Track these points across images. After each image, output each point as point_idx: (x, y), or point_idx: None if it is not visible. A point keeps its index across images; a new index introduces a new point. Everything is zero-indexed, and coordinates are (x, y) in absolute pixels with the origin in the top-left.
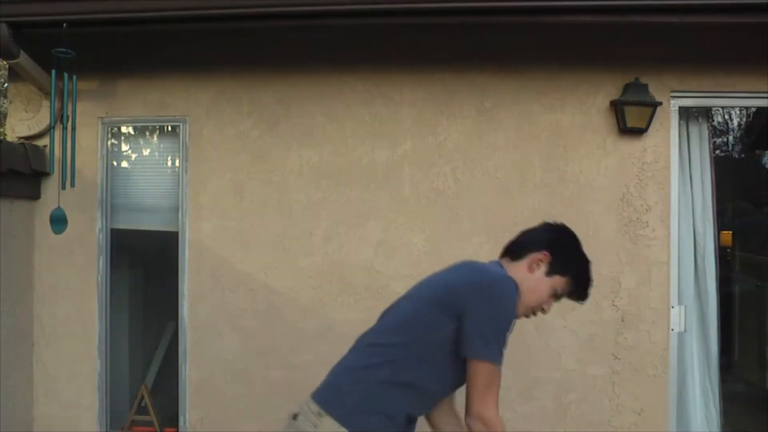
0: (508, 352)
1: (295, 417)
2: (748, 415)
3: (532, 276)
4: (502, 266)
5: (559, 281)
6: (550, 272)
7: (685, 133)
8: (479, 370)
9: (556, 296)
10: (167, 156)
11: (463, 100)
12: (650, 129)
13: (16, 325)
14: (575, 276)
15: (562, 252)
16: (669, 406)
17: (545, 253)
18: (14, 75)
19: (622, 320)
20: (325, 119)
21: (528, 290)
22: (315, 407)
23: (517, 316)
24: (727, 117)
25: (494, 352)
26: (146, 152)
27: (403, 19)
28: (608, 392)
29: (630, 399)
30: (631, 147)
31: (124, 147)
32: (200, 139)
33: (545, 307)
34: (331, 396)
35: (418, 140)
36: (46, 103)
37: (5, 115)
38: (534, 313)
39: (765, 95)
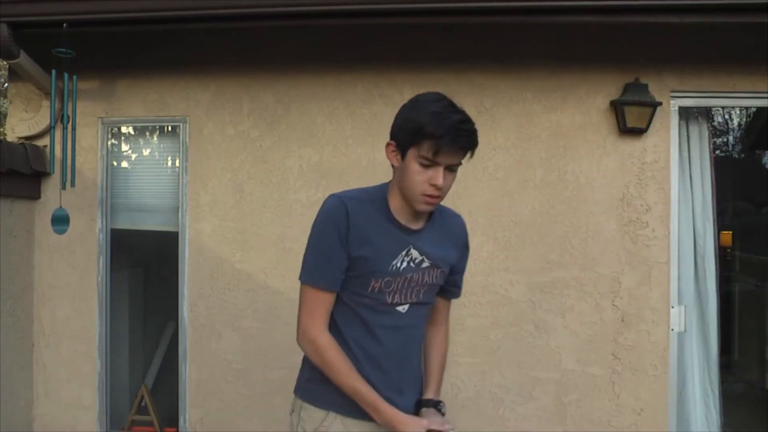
0: (508, 352)
1: None
2: (748, 415)
3: (398, 169)
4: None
5: (413, 153)
6: (403, 155)
7: (685, 133)
8: (300, 292)
9: (429, 165)
10: (167, 156)
11: (463, 100)
12: (650, 129)
13: (16, 325)
14: (413, 132)
15: (397, 127)
16: (669, 406)
17: (389, 142)
18: (14, 75)
19: (622, 320)
20: (325, 119)
21: (402, 183)
22: None
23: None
24: (727, 117)
25: (304, 272)
26: (146, 152)
27: (403, 19)
28: (608, 392)
29: (630, 399)
30: (631, 147)
31: (124, 147)
32: (200, 139)
33: (432, 182)
34: None
35: None
36: (46, 103)
37: (5, 115)
38: (431, 196)
39: (765, 95)
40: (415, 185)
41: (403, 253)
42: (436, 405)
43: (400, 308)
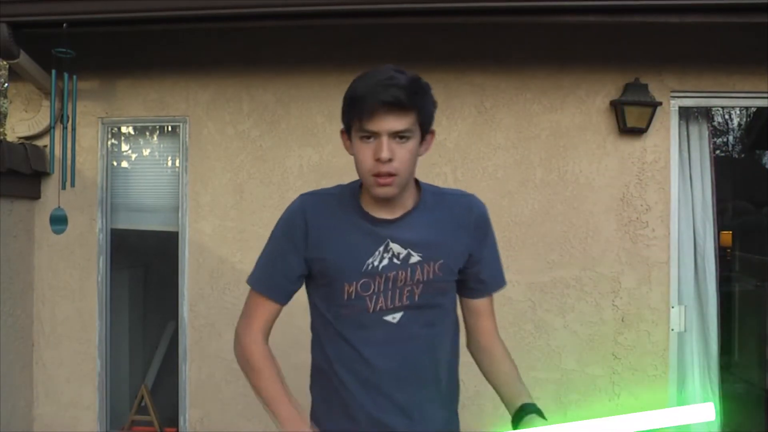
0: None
1: None
2: (748, 415)
3: (350, 151)
4: None
5: (354, 131)
6: (349, 135)
7: (685, 133)
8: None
9: (368, 137)
10: (167, 156)
11: (463, 100)
12: (650, 129)
13: (16, 325)
14: (346, 105)
15: (342, 111)
16: (669, 406)
17: (341, 131)
18: (14, 75)
19: (622, 320)
20: (325, 119)
21: (357, 170)
22: None
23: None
24: (727, 117)
25: (251, 274)
26: (146, 152)
27: (403, 19)
28: (608, 392)
29: (630, 399)
30: (631, 147)
31: (124, 147)
32: (200, 139)
33: (376, 155)
34: None
35: None
36: (46, 103)
37: (5, 115)
38: (380, 175)
39: (765, 95)
40: (361, 166)
41: (381, 248)
42: (539, 410)
43: (389, 318)
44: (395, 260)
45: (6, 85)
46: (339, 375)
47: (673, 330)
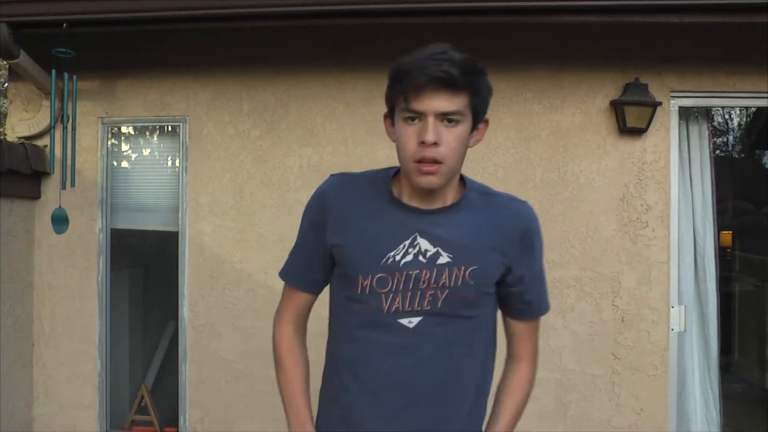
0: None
1: None
2: (748, 415)
3: (393, 137)
4: None
5: (398, 112)
6: (393, 119)
7: (685, 133)
8: None
9: (413, 118)
10: (167, 156)
11: None
12: (650, 129)
13: (16, 325)
14: (390, 83)
15: (387, 90)
16: (669, 406)
17: (384, 114)
18: (14, 75)
19: (622, 320)
20: (325, 119)
21: (398, 155)
22: None
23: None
24: (727, 117)
25: (284, 265)
26: (146, 152)
27: (403, 19)
28: (608, 392)
29: (630, 399)
30: (631, 147)
31: (124, 147)
32: (200, 139)
33: (421, 138)
34: None
35: None
36: (46, 103)
37: (5, 115)
38: (425, 161)
39: (765, 95)
40: (403, 150)
41: (407, 242)
42: None
43: (404, 321)
44: (421, 258)
45: (6, 85)
46: (343, 380)
47: (673, 330)
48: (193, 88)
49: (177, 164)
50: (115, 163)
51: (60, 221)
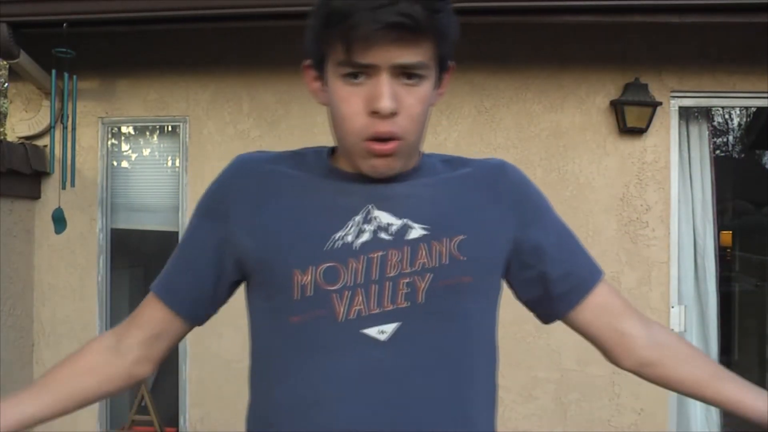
0: (508, 352)
1: None
2: None
3: (322, 98)
4: None
5: (332, 66)
6: (317, 73)
7: (685, 133)
8: None
9: (356, 74)
10: (167, 156)
11: (463, 100)
12: (650, 129)
13: (16, 325)
14: (317, 22)
15: (310, 30)
16: (669, 406)
17: (304, 64)
18: (14, 75)
19: None
20: (325, 119)
21: (334, 127)
22: None
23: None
24: (727, 117)
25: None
26: (146, 152)
27: None
28: (608, 392)
29: (630, 399)
30: (631, 147)
31: (124, 147)
32: (200, 139)
33: (372, 106)
34: None
35: None
36: (46, 103)
37: (5, 115)
38: (378, 138)
39: (765, 95)
40: (345, 123)
41: (358, 217)
42: None
43: (372, 331)
44: (383, 234)
45: (6, 85)
46: None
47: (673, 330)
48: (193, 88)
49: (177, 164)
50: (115, 163)
51: (61, 221)
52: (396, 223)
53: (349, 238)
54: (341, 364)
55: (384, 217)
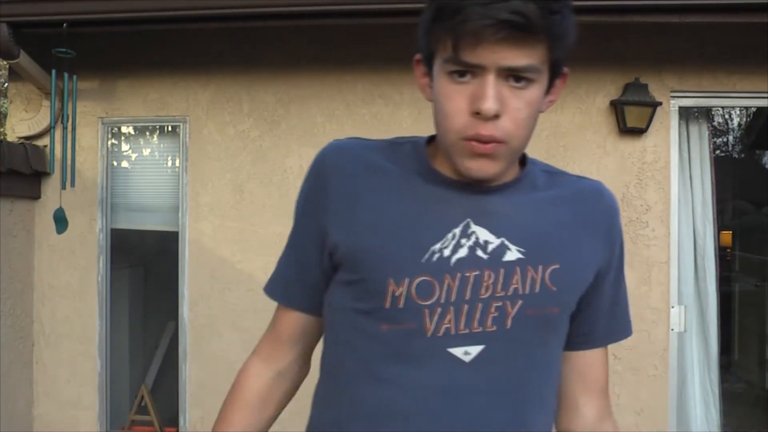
0: None
1: None
2: (748, 415)
3: (428, 94)
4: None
5: (439, 63)
6: (430, 69)
7: (685, 133)
8: None
9: (463, 73)
10: (167, 156)
11: None
12: (650, 129)
13: (16, 325)
14: (428, 18)
15: (423, 26)
16: (669, 406)
17: (416, 58)
18: (14, 75)
19: None
20: (325, 119)
21: (436, 124)
22: None
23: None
24: (727, 117)
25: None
26: (146, 152)
27: (404, 19)
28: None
29: (630, 399)
30: (631, 147)
31: (124, 147)
32: (200, 139)
33: (476, 106)
34: None
35: None
36: (46, 103)
37: (5, 115)
38: (479, 139)
39: (765, 95)
40: (446, 121)
41: (457, 230)
42: None
43: (457, 351)
44: (480, 252)
45: (6, 85)
46: None
47: (673, 330)
48: (193, 88)
49: (177, 164)
50: (115, 163)
51: (62, 221)
52: (494, 241)
53: (447, 252)
54: (423, 378)
55: (482, 234)
